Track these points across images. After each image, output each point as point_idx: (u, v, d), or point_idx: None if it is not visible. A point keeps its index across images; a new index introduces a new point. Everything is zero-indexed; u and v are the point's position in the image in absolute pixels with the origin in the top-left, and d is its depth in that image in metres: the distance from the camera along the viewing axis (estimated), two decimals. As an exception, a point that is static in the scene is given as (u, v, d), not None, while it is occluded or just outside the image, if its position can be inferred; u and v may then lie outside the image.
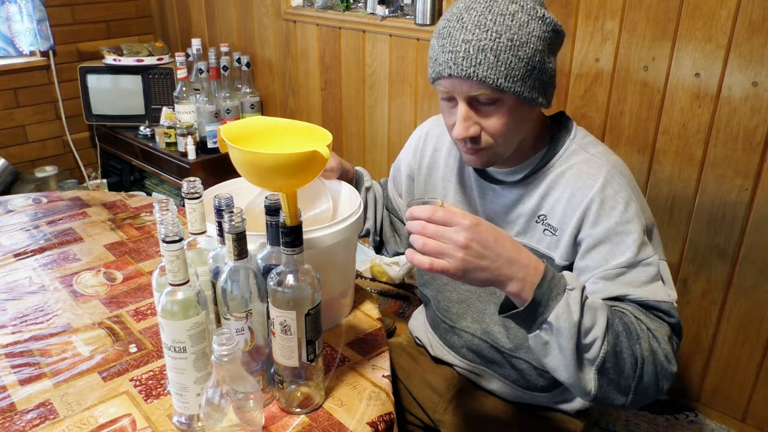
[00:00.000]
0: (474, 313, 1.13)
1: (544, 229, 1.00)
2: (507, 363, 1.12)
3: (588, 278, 0.93)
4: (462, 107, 0.91)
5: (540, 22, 0.90)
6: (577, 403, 1.14)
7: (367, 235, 1.30)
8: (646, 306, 0.90)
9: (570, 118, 1.04)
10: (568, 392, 1.12)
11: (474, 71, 0.87)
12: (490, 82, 0.88)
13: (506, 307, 0.86)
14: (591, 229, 0.93)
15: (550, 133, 1.03)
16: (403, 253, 1.34)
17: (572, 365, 0.81)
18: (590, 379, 0.83)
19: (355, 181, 1.27)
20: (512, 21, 0.88)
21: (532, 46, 0.89)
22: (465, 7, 0.90)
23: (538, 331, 0.82)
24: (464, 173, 1.11)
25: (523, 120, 0.95)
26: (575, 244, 0.96)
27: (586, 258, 0.94)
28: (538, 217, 1.00)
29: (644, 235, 0.92)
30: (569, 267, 0.97)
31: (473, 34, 0.88)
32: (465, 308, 1.14)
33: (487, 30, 0.87)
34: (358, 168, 1.30)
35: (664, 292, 0.91)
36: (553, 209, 0.98)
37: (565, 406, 1.14)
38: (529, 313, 0.82)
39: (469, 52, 0.87)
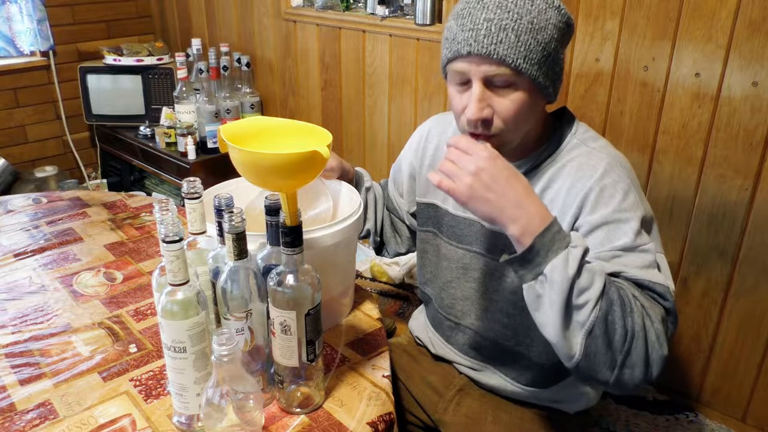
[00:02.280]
0: (478, 310, 1.13)
1: None
2: (508, 359, 1.12)
3: None
4: (477, 87, 0.91)
5: (556, 11, 0.92)
6: (578, 404, 1.14)
7: (367, 236, 1.30)
8: (641, 285, 0.89)
9: (572, 114, 1.05)
10: (568, 389, 1.12)
11: (495, 49, 0.88)
12: (510, 62, 0.88)
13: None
14: (589, 215, 0.93)
15: (553, 129, 1.04)
16: (404, 254, 1.34)
17: (560, 323, 0.81)
18: (577, 343, 0.82)
19: (355, 182, 1.27)
20: (532, 6, 0.90)
21: (549, 32, 0.90)
22: None
23: (533, 281, 0.83)
24: None
25: (533, 109, 0.95)
26: (573, 230, 0.96)
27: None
28: None
29: (642, 225, 0.92)
30: None
31: (495, 13, 0.89)
32: (469, 305, 1.14)
33: (509, 11, 0.89)
34: (358, 168, 1.30)
35: (661, 277, 0.90)
36: (553, 201, 0.99)
37: (565, 406, 1.14)
38: (525, 261, 0.82)
39: (490, 30, 0.88)
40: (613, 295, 0.83)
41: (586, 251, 0.84)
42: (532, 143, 1.02)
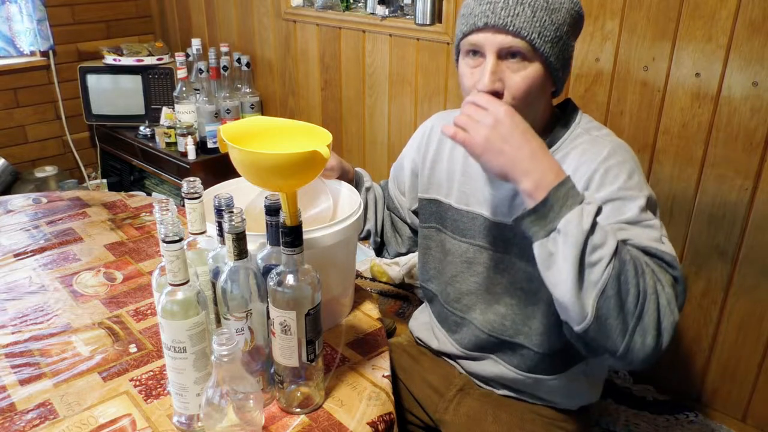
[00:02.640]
0: (482, 304, 1.13)
1: None
2: (508, 349, 1.12)
3: None
4: (491, 59, 0.93)
5: None
6: (576, 400, 1.14)
7: (367, 236, 1.30)
8: (648, 253, 0.88)
9: (576, 105, 1.07)
10: (568, 383, 1.12)
11: (512, 21, 0.90)
12: (525, 35, 0.90)
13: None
14: (594, 194, 0.94)
15: (557, 120, 1.05)
16: (404, 254, 1.34)
17: (573, 280, 0.80)
18: (589, 304, 0.81)
19: (355, 182, 1.27)
20: None
21: (562, 15, 0.93)
22: None
23: (545, 239, 0.82)
24: (469, 163, 1.12)
25: (542, 92, 0.97)
26: None
27: None
28: None
29: (647, 205, 0.92)
30: None
31: None
32: (474, 300, 1.14)
33: None
34: (358, 169, 1.30)
35: (668, 248, 0.90)
36: None
37: (566, 403, 1.14)
38: (539, 216, 0.82)
39: (508, 3, 0.91)
40: (626, 255, 0.82)
41: (599, 210, 0.83)
42: (540, 129, 1.01)
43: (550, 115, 1.05)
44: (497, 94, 0.93)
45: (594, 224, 0.81)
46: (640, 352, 0.82)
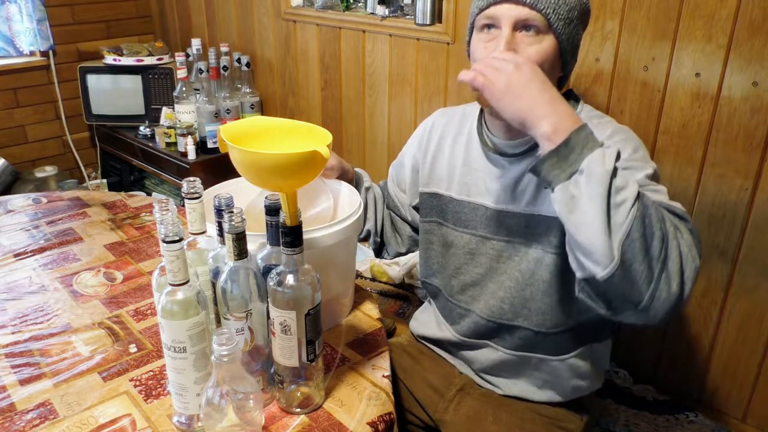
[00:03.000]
0: (485, 294, 1.13)
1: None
2: (506, 333, 1.12)
3: None
4: (506, 31, 0.95)
5: None
6: (582, 385, 1.14)
7: (367, 237, 1.30)
8: (661, 206, 0.87)
9: (578, 95, 1.09)
10: (574, 361, 1.11)
11: None
12: (541, 8, 0.93)
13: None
14: None
15: None
16: (404, 254, 1.34)
17: (600, 221, 0.78)
18: (615, 246, 0.78)
19: (355, 182, 1.27)
20: None
21: (574, 0, 0.97)
22: None
23: (567, 181, 0.81)
24: (471, 155, 1.13)
25: (551, 72, 0.98)
26: None
27: None
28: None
29: (653, 175, 0.95)
30: None
31: None
32: (478, 291, 1.14)
33: None
34: (357, 169, 1.30)
35: (678, 205, 0.90)
36: None
37: (569, 392, 1.13)
38: (560, 157, 0.81)
39: None
40: (647, 200, 0.82)
41: (618, 154, 0.83)
42: None
43: None
44: None
45: (615, 167, 0.81)
46: (666, 302, 0.80)
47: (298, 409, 0.91)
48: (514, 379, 1.16)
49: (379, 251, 1.33)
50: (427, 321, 1.29)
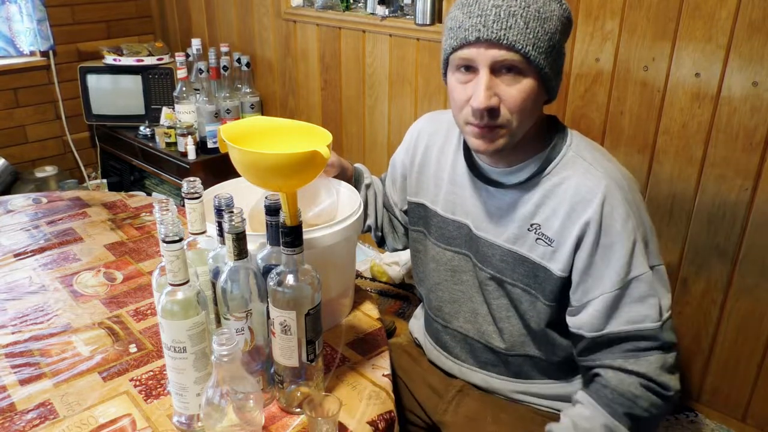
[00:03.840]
0: (466, 312, 1.13)
1: (537, 238, 0.99)
2: (502, 363, 1.12)
3: (580, 305, 0.97)
4: (485, 75, 0.90)
5: (558, 5, 0.92)
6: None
7: (369, 230, 1.31)
8: (628, 338, 0.93)
9: (564, 124, 1.04)
10: (569, 380, 1.12)
11: (505, 34, 0.87)
12: (520, 48, 0.87)
13: None
14: (587, 248, 0.94)
15: (548, 135, 1.02)
16: (401, 249, 1.35)
17: None
18: None
19: (355, 179, 1.27)
20: None
21: (554, 24, 0.90)
22: None
23: None
24: (456, 172, 1.10)
25: (537, 102, 0.95)
26: (575, 256, 0.96)
27: (581, 284, 0.96)
28: (531, 225, 0.99)
29: (635, 247, 0.93)
30: (567, 280, 0.98)
31: (503, 0, 0.88)
32: (457, 308, 1.14)
33: None
34: (357, 165, 1.30)
35: (653, 310, 0.93)
36: (549, 220, 0.97)
37: (558, 405, 1.14)
38: None
39: (499, 15, 0.87)
40: (626, 421, 0.93)
41: None
42: (529, 145, 1.00)
43: (541, 127, 1.02)
44: (493, 110, 0.91)
45: None
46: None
47: (298, 409, 0.91)
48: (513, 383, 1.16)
49: (381, 242, 1.33)
50: (421, 327, 1.29)
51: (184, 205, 0.93)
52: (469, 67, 0.92)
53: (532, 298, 1.02)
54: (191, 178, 0.90)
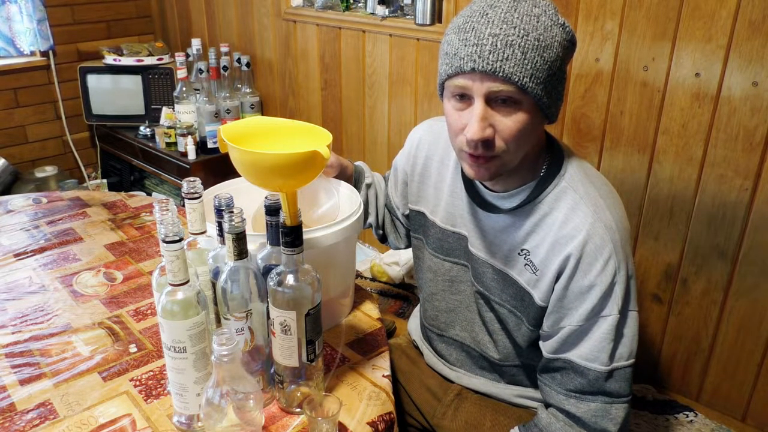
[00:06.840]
0: (463, 321, 1.13)
1: (525, 264, 0.99)
2: (497, 371, 1.12)
3: (552, 332, 0.97)
4: (479, 106, 0.87)
5: (561, 29, 0.88)
6: None
7: (370, 227, 1.31)
8: (576, 371, 0.94)
9: (561, 147, 1.00)
10: None
11: (501, 66, 0.84)
12: (516, 80, 0.84)
13: None
14: (564, 282, 0.93)
15: (545, 160, 1.00)
16: (403, 248, 1.35)
17: None
18: None
19: (355, 178, 1.26)
20: (537, 22, 0.86)
21: (554, 50, 0.87)
22: (488, 5, 0.87)
23: None
24: (456, 186, 1.09)
25: (533, 130, 0.91)
26: (554, 287, 0.96)
27: (554, 313, 0.96)
28: (521, 250, 0.99)
29: (612, 289, 0.91)
30: (545, 309, 0.98)
31: (500, 28, 0.84)
32: (453, 317, 1.14)
33: (515, 27, 0.84)
34: (358, 163, 1.29)
35: (604, 354, 0.93)
36: (537, 248, 0.97)
37: None
38: None
39: (496, 45, 0.84)
40: None
41: None
42: (527, 169, 0.98)
43: (540, 150, 0.99)
44: (488, 141, 0.89)
45: None
46: None
47: (298, 409, 0.91)
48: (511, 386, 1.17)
49: (384, 239, 1.33)
50: (416, 328, 1.29)
51: (184, 205, 0.93)
52: (464, 96, 0.90)
53: (517, 320, 1.03)
54: (191, 178, 0.90)
